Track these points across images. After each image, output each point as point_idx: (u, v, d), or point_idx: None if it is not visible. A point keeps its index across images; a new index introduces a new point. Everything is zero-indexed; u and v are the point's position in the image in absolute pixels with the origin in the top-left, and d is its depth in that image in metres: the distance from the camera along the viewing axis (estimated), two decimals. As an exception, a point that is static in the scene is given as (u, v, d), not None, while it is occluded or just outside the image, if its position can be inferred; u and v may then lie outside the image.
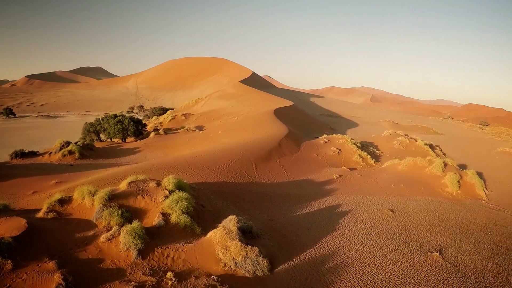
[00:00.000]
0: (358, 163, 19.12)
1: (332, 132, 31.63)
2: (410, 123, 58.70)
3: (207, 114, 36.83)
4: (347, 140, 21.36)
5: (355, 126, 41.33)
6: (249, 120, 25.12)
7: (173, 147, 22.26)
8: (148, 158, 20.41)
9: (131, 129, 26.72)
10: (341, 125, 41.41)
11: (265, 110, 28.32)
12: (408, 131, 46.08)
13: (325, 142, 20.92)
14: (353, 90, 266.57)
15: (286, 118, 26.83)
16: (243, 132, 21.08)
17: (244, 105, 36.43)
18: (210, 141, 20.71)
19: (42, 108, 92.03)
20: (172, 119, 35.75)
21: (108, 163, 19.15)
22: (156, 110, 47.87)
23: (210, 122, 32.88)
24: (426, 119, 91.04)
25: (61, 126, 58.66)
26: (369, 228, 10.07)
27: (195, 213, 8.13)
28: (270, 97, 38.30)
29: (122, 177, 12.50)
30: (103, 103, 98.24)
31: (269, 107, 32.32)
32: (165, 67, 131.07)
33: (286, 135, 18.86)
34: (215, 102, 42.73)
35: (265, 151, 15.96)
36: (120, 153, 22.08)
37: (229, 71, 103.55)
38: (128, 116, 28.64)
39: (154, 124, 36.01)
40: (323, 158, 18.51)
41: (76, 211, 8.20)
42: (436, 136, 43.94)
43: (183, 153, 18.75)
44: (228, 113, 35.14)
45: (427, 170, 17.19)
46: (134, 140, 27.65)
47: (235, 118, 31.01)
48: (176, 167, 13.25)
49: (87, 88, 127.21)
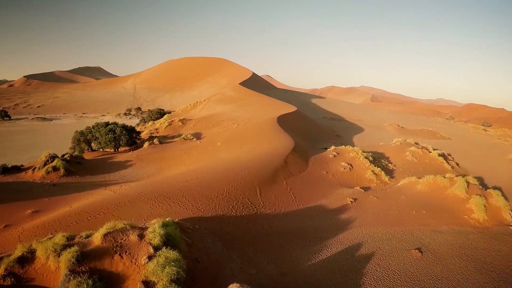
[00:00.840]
0: (371, 180, 17.32)
1: (338, 140, 29.83)
2: (415, 126, 57.04)
3: (206, 120, 35.00)
4: (358, 154, 19.54)
5: (360, 132, 39.54)
6: (250, 128, 23.29)
7: (168, 160, 20.45)
8: (139, 174, 18.60)
9: (123, 139, 24.90)
10: (346, 130, 39.64)
11: (268, 117, 26.47)
12: (415, 136, 44.48)
13: (335, 156, 19.11)
14: (353, 89, 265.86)
15: (290, 126, 25.01)
16: (245, 144, 19.25)
17: (245, 110, 34.57)
18: (208, 155, 18.88)
19: (38, 109, 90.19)
20: (168, 125, 33.93)
21: (95, 182, 17.34)
22: (153, 114, 46.06)
23: (209, 129, 31.07)
24: (428, 119, 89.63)
25: (55, 130, 56.84)
26: (399, 279, 8.33)
27: (188, 276, 6.37)
28: (272, 102, 36.44)
29: (104, 209, 10.71)
30: (101, 105, 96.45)
31: (272, 113, 30.48)
32: (164, 67, 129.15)
33: (293, 150, 17.01)
34: (214, 106, 40.88)
35: (270, 171, 14.13)
36: (110, 168, 20.26)
37: (229, 72, 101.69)
38: (121, 124, 26.79)
39: (149, 130, 34.19)
40: (334, 176, 16.70)
41: (39, 274, 6.44)
42: (443, 141, 42.30)
43: (178, 171, 16.95)
44: (228, 118, 33.30)
45: (449, 192, 15.43)
46: (127, 150, 25.86)
47: (235, 125, 29.19)
48: (168, 195, 11.43)
49: (85, 88, 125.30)
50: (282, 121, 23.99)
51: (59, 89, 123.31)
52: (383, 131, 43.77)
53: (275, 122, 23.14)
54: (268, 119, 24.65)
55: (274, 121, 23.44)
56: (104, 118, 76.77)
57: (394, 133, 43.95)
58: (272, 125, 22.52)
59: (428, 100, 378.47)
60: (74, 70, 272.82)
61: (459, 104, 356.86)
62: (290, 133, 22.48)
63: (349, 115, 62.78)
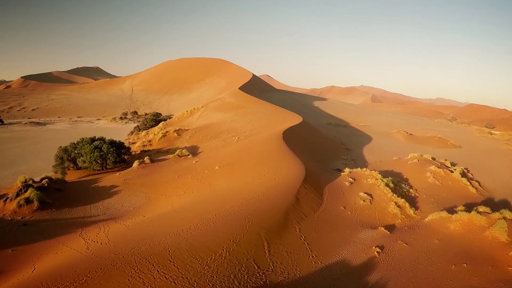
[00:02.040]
0: (395, 215, 14.80)
1: (349, 154, 27.33)
2: (421, 131, 54.69)
3: (203, 130, 32.45)
4: (377, 180, 17.02)
5: (368, 141, 37.04)
6: (252, 146, 20.74)
7: (158, 186, 17.91)
8: (125, 206, 16.06)
9: (111, 158, 22.34)
10: (353, 140, 37.14)
11: (271, 131, 23.90)
12: (424, 144, 42.16)
13: (351, 183, 16.61)
14: (353, 89, 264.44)
15: (297, 141, 22.49)
16: (246, 169, 16.71)
17: (246, 120, 32.02)
18: (204, 183, 16.34)
19: (33, 113, 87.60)
20: (163, 136, 31.37)
21: (72, 219, 14.81)
22: (148, 121, 43.50)
23: (206, 142, 28.53)
24: (431, 121, 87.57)
25: (47, 137, 54.26)
26: None
27: None
28: (274, 110, 33.87)
29: (71, 282, 8.19)
30: (97, 108, 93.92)
31: (275, 125, 27.95)
32: (161, 68, 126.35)
33: (304, 179, 14.48)
34: (212, 114, 38.30)
35: (279, 214, 11.61)
36: (93, 196, 17.73)
37: (228, 73, 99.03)
38: (109, 139, 24.20)
39: (142, 142, 31.63)
40: (353, 211, 14.18)
41: None
42: (455, 150, 39.97)
43: (169, 204, 14.43)
44: (227, 129, 30.76)
45: (488, 234, 12.90)
46: (115, 169, 23.34)
47: (235, 138, 26.65)
48: (152, 258, 8.92)
49: (81, 90, 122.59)
50: (287, 136, 21.43)
51: (55, 91, 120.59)
52: (392, 140, 41.29)
53: (280, 138, 20.57)
54: (273, 134, 22.08)
55: (279, 137, 20.87)
56: (99, 122, 74.25)
57: (403, 142, 41.54)
58: (277, 142, 19.95)
59: (428, 99, 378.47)
60: (72, 71, 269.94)
61: (458, 103, 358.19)
62: (297, 151, 19.96)
63: (353, 120, 60.32)
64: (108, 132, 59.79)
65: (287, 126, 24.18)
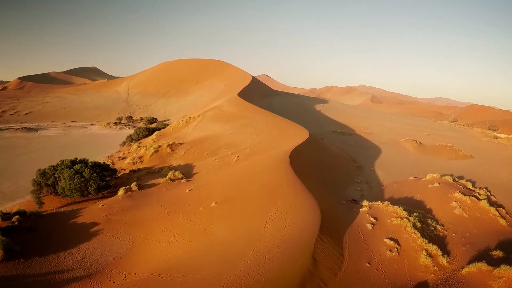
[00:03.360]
0: (427, 268, 12.18)
1: (360, 174, 24.71)
2: (429, 138, 52.21)
3: (199, 144, 29.75)
4: (403, 220, 14.39)
5: (378, 154, 34.42)
6: (256, 174, 18.05)
7: (145, 226, 15.24)
8: (105, 254, 13.39)
9: (93, 185, 19.63)
10: (362, 152, 34.53)
11: (276, 152, 21.21)
12: (436, 154, 39.69)
13: (373, 224, 13.98)
14: (353, 89, 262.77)
15: (305, 164, 19.85)
16: (249, 208, 14.06)
17: (246, 133, 29.33)
18: (197, 227, 13.65)
19: (26, 117, 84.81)
20: (155, 152, 28.65)
21: (41, 277, 12.15)
22: (141, 131, 40.73)
23: (202, 160, 25.84)
24: (434, 124, 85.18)
25: (37, 146, 51.50)
26: None
27: None
28: (277, 121, 31.17)
29: None
30: (91, 111, 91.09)
31: (279, 140, 25.29)
32: (158, 69, 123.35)
33: (321, 229, 11.85)
34: (209, 124, 35.58)
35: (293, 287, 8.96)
36: (69, 238, 15.06)
37: (227, 75, 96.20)
38: (91, 162, 21.46)
39: (132, 158, 28.90)
40: (380, 268, 11.54)
41: None
42: (468, 162, 37.52)
43: (155, 259, 11.76)
44: (226, 144, 28.08)
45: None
46: (99, 194, 20.67)
47: (235, 156, 23.98)
48: None
49: (77, 92, 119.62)
50: (295, 159, 18.75)
51: (50, 93, 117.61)
52: (402, 151, 38.69)
53: (286, 163, 17.88)
54: (278, 157, 19.38)
55: (286, 161, 18.18)
56: (93, 127, 71.51)
57: (414, 152, 38.96)
58: (284, 169, 17.27)
59: (427, 99, 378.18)
60: (69, 71, 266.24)
61: (458, 103, 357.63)
62: (307, 178, 17.32)
63: (357, 125, 57.71)
64: (101, 139, 57.08)
65: (293, 145, 21.47)
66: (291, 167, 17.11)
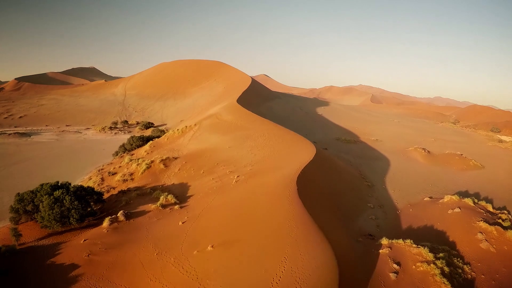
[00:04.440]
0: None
1: (372, 195, 22.55)
2: (436, 144, 50.25)
3: (195, 159, 27.56)
4: (429, 265, 12.23)
5: (387, 166, 32.25)
6: (258, 202, 15.87)
7: (130, 273, 13.04)
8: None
9: (74, 215, 17.43)
10: (370, 164, 32.39)
11: (280, 175, 19.01)
12: (446, 165, 37.69)
13: (396, 273, 11.81)
14: (352, 89, 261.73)
15: (314, 191, 17.69)
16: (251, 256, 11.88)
17: (246, 147, 27.13)
18: (190, 279, 11.49)
19: (20, 121, 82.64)
20: (147, 168, 26.44)
21: None
22: (134, 141, 38.49)
23: (199, 179, 23.64)
24: (437, 126, 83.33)
25: (28, 155, 49.34)
26: None
27: None
28: (279, 133, 28.94)
29: None
30: (87, 115, 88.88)
31: (282, 157, 23.11)
32: (155, 71, 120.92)
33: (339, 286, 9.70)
34: (206, 135, 33.35)
35: None
36: (46, 284, 12.92)
37: (225, 77, 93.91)
38: (74, 187, 19.20)
39: (123, 174, 26.68)
40: None
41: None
42: (480, 174, 35.68)
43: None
44: (224, 160, 25.88)
45: None
46: (84, 222, 18.46)
47: (234, 176, 21.78)
48: None
49: (73, 94, 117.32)
50: (303, 186, 16.55)
51: (46, 95, 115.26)
52: (411, 162, 36.55)
53: (293, 192, 15.65)
54: (283, 182, 17.16)
55: (292, 189, 15.96)
56: (88, 133, 69.37)
57: (423, 163, 36.85)
58: (290, 200, 15.08)
59: (427, 98, 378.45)
60: (67, 72, 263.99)
61: (457, 102, 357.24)
62: (317, 209, 15.19)
63: (361, 130, 55.58)
64: (94, 146, 54.81)
65: (298, 166, 19.25)
66: (298, 198, 14.92)
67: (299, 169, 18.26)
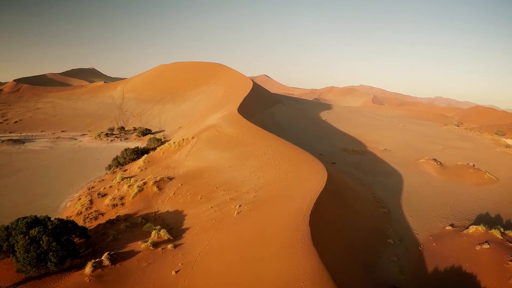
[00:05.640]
0: None
1: (390, 224, 20.25)
2: (445, 152, 48.01)
3: (192, 181, 25.22)
4: None
5: (400, 184, 29.94)
6: (264, 252, 13.52)
7: None
8: None
9: (52, 258, 15.12)
10: (382, 181, 30.12)
11: (288, 212, 16.64)
12: (460, 178, 35.65)
13: None
14: (353, 90, 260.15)
15: (326, 229, 15.38)
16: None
17: (248, 168, 24.78)
18: None
19: (15, 126, 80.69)
20: (139, 192, 24.10)
21: None
22: (128, 154, 36.13)
23: (196, 206, 21.29)
24: (441, 129, 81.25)
25: (18, 166, 47.22)
26: None
27: None
28: (284, 150, 26.55)
29: None
30: (83, 120, 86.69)
31: (289, 184, 20.75)
32: (155, 73, 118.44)
33: None
34: (204, 150, 30.98)
35: None
36: None
37: (225, 80, 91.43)
38: (53, 224, 16.82)
39: (113, 197, 24.35)
40: None
41: None
42: (495, 188, 33.89)
43: None
44: (224, 184, 23.52)
45: None
46: (64, 265, 16.14)
47: (236, 205, 19.42)
48: None
49: (70, 97, 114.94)
50: (315, 226, 14.21)
51: (43, 98, 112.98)
52: (424, 176, 34.24)
53: (307, 238, 13.30)
54: (293, 223, 14.81)
55: (305, 234, 13.61)
56: (83, 139, 67.15)
57: (437, 177, 34.61)
58: (301, 243, 12.80)
59: (427, 98, 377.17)
60: (66, 73, 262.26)
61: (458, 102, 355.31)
62: (332, 257, 12.89)
63: (367, 138, 53.22)
64: (89, 155, 52.51)
65: (309, 199, 16.87)
66: (313, 247, 12.57)
67: (310, 203, 15.91)
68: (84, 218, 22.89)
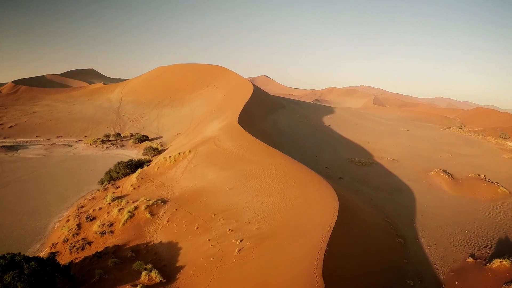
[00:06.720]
0: None
1: (407, 258, 18.23)
2: (454, 162, 46.05)
3: (188, 206, 23.15)
4: None
5: (413, 203, 27.89)
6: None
7: None
8: None
9: (25, 313, 13.10)
10: (393, 198, 28.10)
11: (299, 255, 14.60)
12: (473, 192, 33.88)
13: None
14: (354, 90, 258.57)
15: (343, 274, 13.40)
16: None
17: (251, 191, 22.69)
18: None
19: (10, 131, 78.83)
20: (130, 218, 22.04)
21: None
22: (121, 168, 34.04)
23: (192, 237, 19.21)
24: (445, 133, 79.29)
25: (8, 178, 45.63)
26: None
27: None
28: (291, 174, 24.35)
29: None
30: (79, 125, 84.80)
31: (299, 219, 18.68)
32: (153, 75, 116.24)
33: None
34: (202, 167, 28.89)
35: None
36: None
37: (225, 83, 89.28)
38: (29, 268, 14.72)
39: (101, 223, 22.29)
40: None
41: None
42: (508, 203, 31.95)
43: None
44: (224, 210, 21.43)
45: None
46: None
47: (236, 241, 17.36)
48: None
49: (68, 100, 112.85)
50: (329, 272, 12.19)
51: (40, 101, 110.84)
52: (436, 192, 32.24)
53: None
54: (303, 268, 12.82)
55: (318, 284, 11.63)
56: (78, 146, 65.19)
57: (449, 193, 32.63)
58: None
59: (428, 99, 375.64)
60: (66, 74, 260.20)
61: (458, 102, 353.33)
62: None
63: (373, 146, 51.14)
64: (83, 165, 50.42)
65: (320, 234, 14.85)
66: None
67: (322, 247, 13.83)
68: (71, 248, 20.86)
